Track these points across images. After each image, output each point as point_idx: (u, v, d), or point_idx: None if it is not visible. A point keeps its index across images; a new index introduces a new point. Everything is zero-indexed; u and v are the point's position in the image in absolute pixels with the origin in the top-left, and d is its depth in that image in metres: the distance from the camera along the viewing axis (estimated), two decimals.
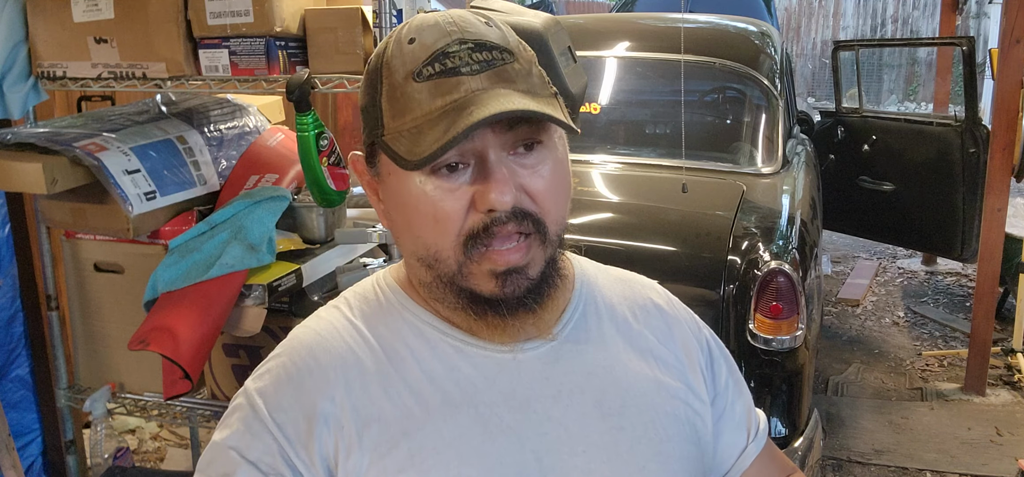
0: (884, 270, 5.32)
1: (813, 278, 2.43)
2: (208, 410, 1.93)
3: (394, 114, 0.74)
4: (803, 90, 12.13)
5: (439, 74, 0.72)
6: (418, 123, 0.72)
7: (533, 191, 0.74)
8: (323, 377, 0.77)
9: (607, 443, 0.79)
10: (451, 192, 0.73)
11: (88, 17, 1.82)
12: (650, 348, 0.87)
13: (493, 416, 0.77)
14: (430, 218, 0.74)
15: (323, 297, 1.82)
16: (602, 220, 2.45)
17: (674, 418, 0.84)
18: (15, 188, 1.85)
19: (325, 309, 0.86)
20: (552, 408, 0.79)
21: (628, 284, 0.93)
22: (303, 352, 0.80)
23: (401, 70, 0.74)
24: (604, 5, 11.98)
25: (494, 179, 0.72)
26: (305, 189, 1.84)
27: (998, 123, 3.36)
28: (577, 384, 0.80)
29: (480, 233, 0.73)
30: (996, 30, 7.28)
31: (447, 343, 0.80)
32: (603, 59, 3.20)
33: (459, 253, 0.74)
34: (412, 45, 0.74)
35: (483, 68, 0.72)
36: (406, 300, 0.83)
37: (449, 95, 0.71)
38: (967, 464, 2.97)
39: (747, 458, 0.94)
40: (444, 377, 0.78)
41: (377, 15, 1.64)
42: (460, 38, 0.73)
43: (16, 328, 2.33)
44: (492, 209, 0.72)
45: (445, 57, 0.72)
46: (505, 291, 0.75)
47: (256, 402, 0.77)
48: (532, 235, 0.75)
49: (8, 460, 2.15)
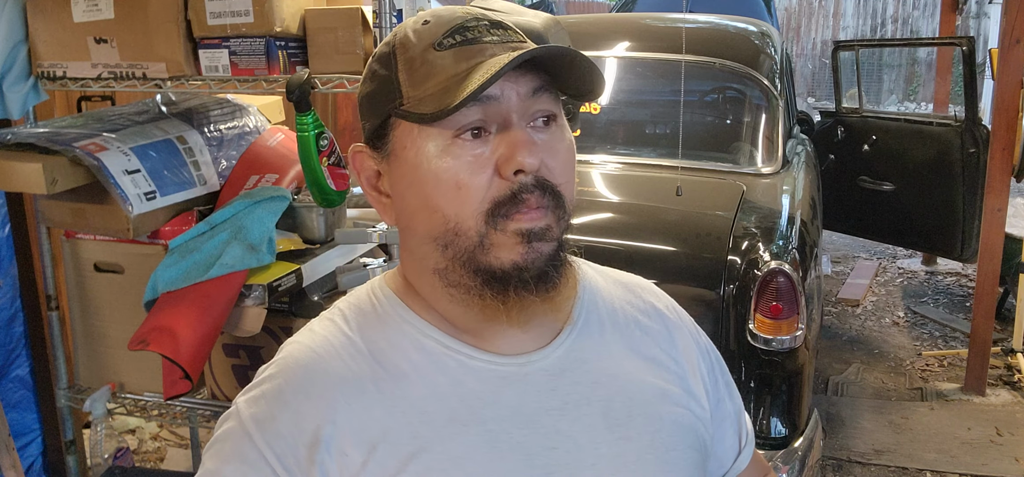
0: (884, 270, 5.32)
1: (813, 278, 2.43)
2: (208, 410, 1.93)
3: (414, 83, 0.73)
4: (803, 90, 12.14)
5: (461, 43, 0.73)
6: (444, 84, 0.71)
7: (551, 165, 0.74)
8: (322, 399, 0.73)
9: (615, 454, 0.78)
10: (474, 159, 0.71)
11: (88, 17, 1.82)
12: (652, 355, 0.86)
13: (502, 432, 0.75)
14: (452, 187, 0.72)
15: (323, 297, 1.82)
16: (602, 220, 2.45)
17: (678, 426, 0.83)
18: (15, 188, 1.85)
19: (318, 322, 0.81)
20: (559, 421, 0.77)
21: (628, 288, 0.91)
22: (299, 372, 0.76)
23: (420, 44, 0.74)
24: (604, 5, 11.99)
25: (520, 141, 0.71)
26: (305, 189, 1.84)
27: (998, 123, 3.36)
28: (583, 395, 0.79)
29: (506, 201, 0.71)
30: (996, 30, 7.28)
31: (451, 357, 0.77)
32: (603, 59, 3.20)
33: (481, 223, 0.72)
34: (427, 25, 0.75)
35: (502, 41, 0.74)
36: (404, 310, 0.79)
37: (474, 59, 0.72)
38: (967, 464, 2.97)
39: (741, 463, 0.94)
40: (449, 394, 0.75)
41: (377, 15, 1.64)
42: (477, 17, 0.75)
43: (16, 328, 2.33)
44: (520, 169, 0.71)
45: (466, 29, 0.73)
46: (528, 257, 0.72)
47: (250, 429, 0.73)
48: (553, 210, 0.74)
49: (8, 460, 2.15)
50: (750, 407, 2.20)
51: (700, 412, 0.86)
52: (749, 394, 2.20)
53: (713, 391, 0.90)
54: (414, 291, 0.80)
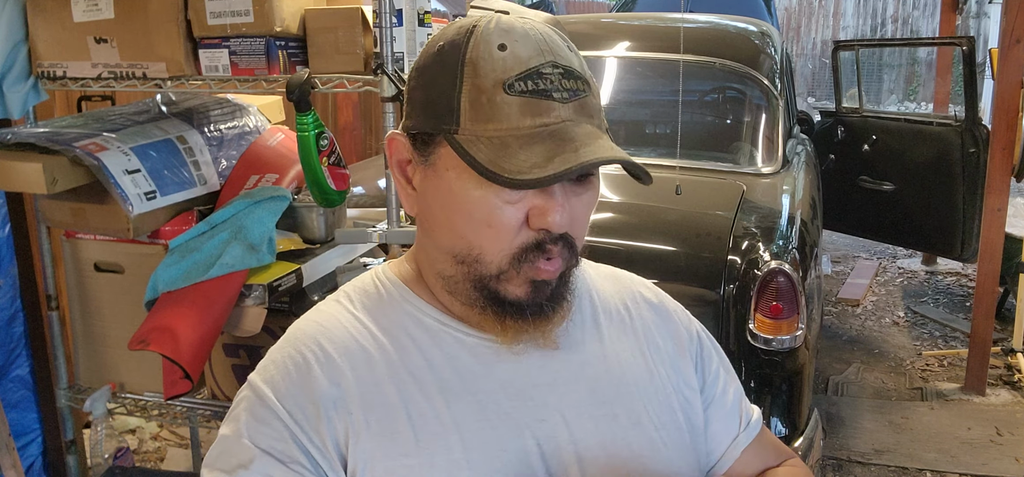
0: (884, 270, 5.32)
1: (813, 278, 2.43)
2: (208, 410, 1.93)
3: (476, 118, 0.73)
4: (803, 90, 12.14)
5: (532, 93, 0.73)
6: (503, 136, 0.72)
7: (576, 219, 0.78)
8: (329, 363, 0.79)
9: (602, 430, 0.82)
10: (511, 204, 0.74)
11: (88, 17, 1.82)
12: (641, 339, 0.90)
13: (491, 402, 0.79)
14: (484, 224, 0.75)
15: (323, 297, 1.82)
16: (602, 220, 2.45)
17: (666, 407, 0.88)
18: (15, 188, 1.86)
19: (325, 303, 0.87)
20: (548, 396, 0.81)
21: (618, 280, 0.96)
22: (307, 340, 0.81)
23: (490, 76, 0.73)
24: (604, 5, 11.99)
25: (556, 203, 0.74)
26: (305, 189, 1.84)
27: (998, 123, 3.36)
28: (573, 374, 0.84)
29: (531, 248, 0.76)
30: (996, 30, 7.28)
31: (448, 333, 0.82)
32: (603, 59, 3.20)
33: (505, 262, 0.76)
34: (503, 52, 0.74)
35: (571, 97, 0.74)
36: (408, 293, 0.84)
37: (540, 117, 0.73)
38: (967, 464, 2.97)
39: (738, 446, 0.96)
40: (444, 365, 0.80)
41: (377, 15, 1.64)
42: (553, 61, 0.75)
43: (16, 328, 2.32)
44: (547, 229, 0.75)
45: (539, 77, 0.73)
46: (532, 296, 0.78)
47: (263, 391, 0.78)
48: (567, 258, 0.79)
49: (8, 460, 2.15)
50: None
51: (689, 394, 0.91)
52: (749, 394, 2.19)
53: (703, 373, 0.95)
54: (420, 279, 0.85)
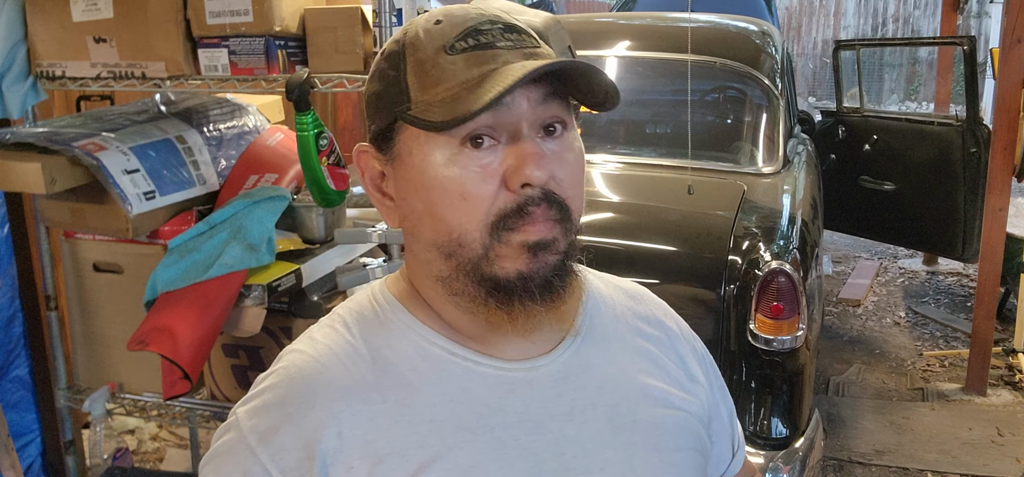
0: (885, 270, 5.32)
1: (814, 278, 2.42)
2: (207, 411, 1.93)
3: (424, 86, 0.71)
4: (804, 90, 12.13)
5: (473, 47, 0.70)
6: (454, 91, 0.69)
7: (559, 177, 0.72)
8: (326, 410, 0.71)
9: (622, 458, 0.78)
10: (481, 169, 0.70)
11: (87, 16, 1.81)
12: (655, 360, 0.86)
13: (509, 438, 0.74)
14: (457, 197, 0.70)
15: (323, 297, 1.82)
16: (603, 220, 2.44)
17: (682, 429, 0.84)
18: (14, 188, 1.85)
19: (319, 330, 0.79)
20: (566, 426, 0.76)
21: (631, 295, 0.92)
22: (301, 381, 0.73)
23: (430, 45, 0.71)
24: (604, 4, 11.98)
25: (529, 153, 0.69)
26: (305, 189, 1.84)
27: (999, 122, 3.36)
28: (589, 400, 0.79)
29: (512, 214, 0.70)
30: (997, 29, 7.28)
31: (456, 363, 0.76)
32: (604, 59, 3.19)
33: (486, 235, 0.70)
34: (439, 25, 0.72)
35: (516, 45, 0.71)
36: (407, 316, 0.78)
37: (486, 64, 0.69)
38: (968, 464, 2.97)
39: (732, 470, 0.95)
40: (456, 401, 0.74)
41: (377, 15, 1.63)
42: (491, 18, 0.72)
43: (15, 328, 2.32)
44: (527, 183, 0.69)
45: (479, 33, 0.71)
46: (533, 267, 0.71)
47: (252, 442, 0.71)
48: (559, 222, 0.72)
49: (7, 460, 2.15)
50: (751, 407, 2.19)
51: (701, 416, 0.87)
52: (750, 394, 2.19)
53: (710, 397, 0.91)
54: (417, 295, 0.79)
